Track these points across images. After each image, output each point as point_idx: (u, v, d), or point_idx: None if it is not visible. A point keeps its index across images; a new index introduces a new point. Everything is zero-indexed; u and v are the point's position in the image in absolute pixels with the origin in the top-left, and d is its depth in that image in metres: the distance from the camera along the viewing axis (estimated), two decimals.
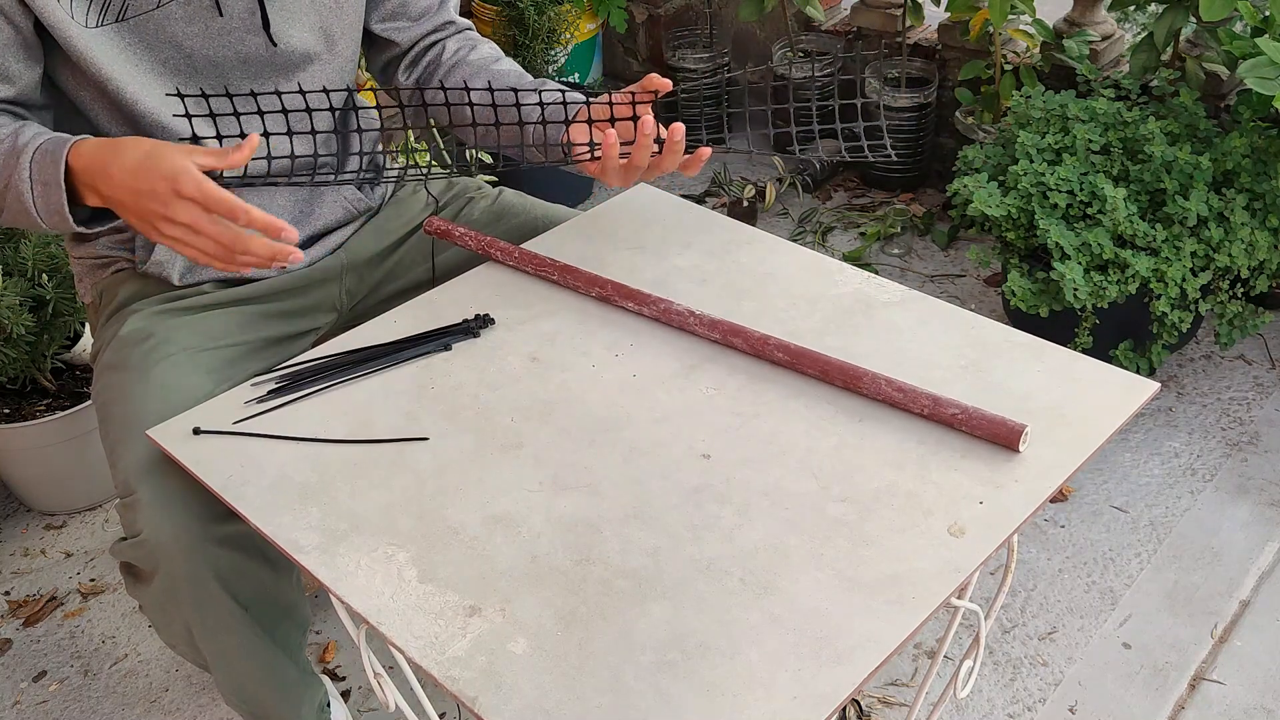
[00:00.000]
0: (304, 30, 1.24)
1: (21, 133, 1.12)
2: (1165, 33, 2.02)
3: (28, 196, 1.10)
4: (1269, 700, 1.55)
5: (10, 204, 1.13)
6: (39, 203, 1.10)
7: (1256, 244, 1.87)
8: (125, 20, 1.14)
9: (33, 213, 1.11)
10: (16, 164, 1.10)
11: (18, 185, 1.10)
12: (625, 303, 1.18)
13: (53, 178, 1.09)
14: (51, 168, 1.09)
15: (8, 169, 1.11)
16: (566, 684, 0.82)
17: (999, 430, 0.96)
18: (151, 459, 1.10)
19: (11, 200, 1.12)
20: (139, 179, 1.03)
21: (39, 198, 1.10)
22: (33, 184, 1.10)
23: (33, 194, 1.10)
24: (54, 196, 1.09)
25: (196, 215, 1.03)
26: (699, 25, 3.07)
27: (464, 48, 1.39)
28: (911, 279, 2.46)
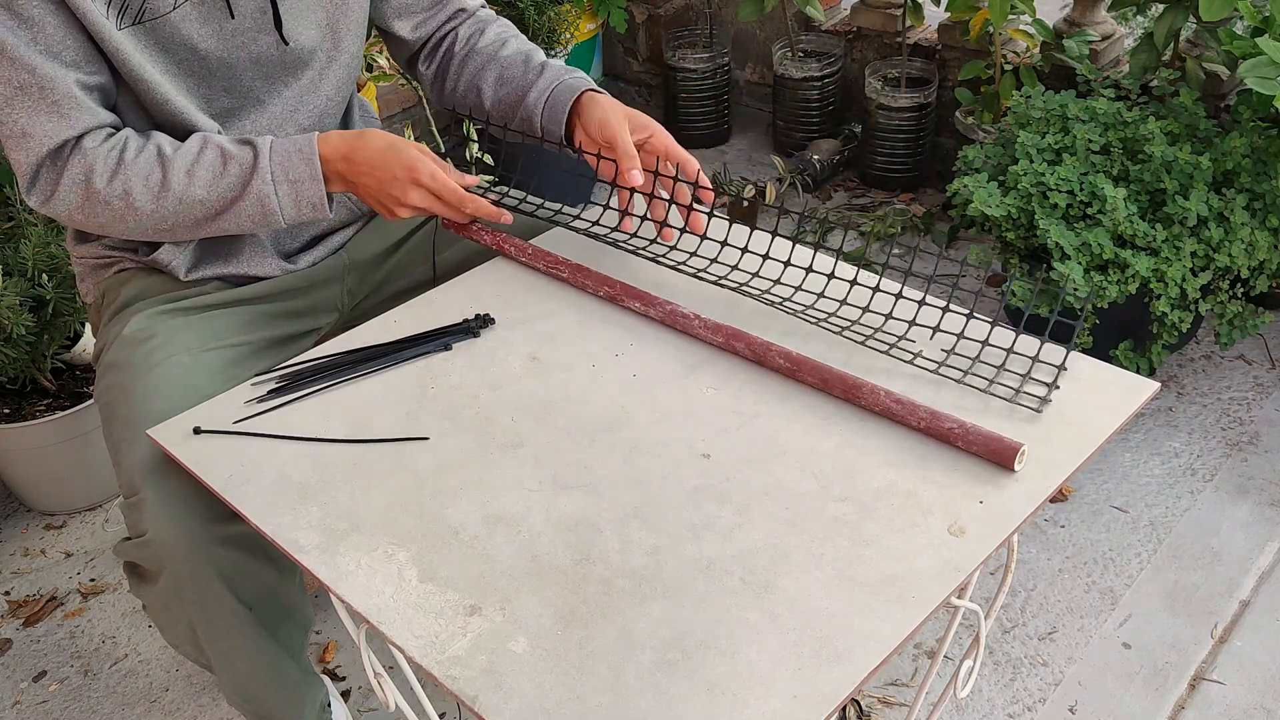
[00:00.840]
0: (312, 28, 1.25)
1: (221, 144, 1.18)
2: (1165, 33, 2.02)
3: (273, 199, 1.18)
4: (1269, 700, 1.55)
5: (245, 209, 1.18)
6: (284, 201, 1.18)
7: (1256, 244, 1.87)
8: (142, 23, 1.14)
9: (277, 213, 1.19)
10: (255, 171, 1.17)
11: (260, 189, 1.17)
12: (632, 303, 1.19)
13: (308, 174, 1.18)
14: (304, 165, 1.18)
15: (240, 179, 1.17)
16: (566, 683, 0.82)
17: (995, 448, 0.96)
18: (156, 459, 1.11)
19: (248, 205, 1.18)
20: (381, 167, 1.18)
21: (285, 196, 1.18)
22: (276, 185, 1.18)
23: (278, 196, 1.18)
24: (310, 192, 1.19)
25: (429, 200, 1.20)
26: (699, 25, 3.07)
27: (474, 34, 1.40)
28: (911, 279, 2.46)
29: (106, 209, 1.17)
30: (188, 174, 1.16)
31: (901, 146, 2.72)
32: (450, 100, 1.43)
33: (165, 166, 1.16)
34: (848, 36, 2.86)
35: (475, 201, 1.21)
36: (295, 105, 1.27)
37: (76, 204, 1.16)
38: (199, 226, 1.20)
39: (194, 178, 1.16)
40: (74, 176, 1.15)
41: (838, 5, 2.98)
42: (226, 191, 1.17)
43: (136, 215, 1.17)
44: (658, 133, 1.27)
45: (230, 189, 1.17)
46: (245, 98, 1.24)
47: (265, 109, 1.26)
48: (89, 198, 1.16)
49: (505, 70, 1.37)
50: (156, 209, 1.17)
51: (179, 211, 1.18)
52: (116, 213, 1.17)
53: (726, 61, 3.00)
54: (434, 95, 1.44)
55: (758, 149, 3.04)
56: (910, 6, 2.55)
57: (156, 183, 1.16)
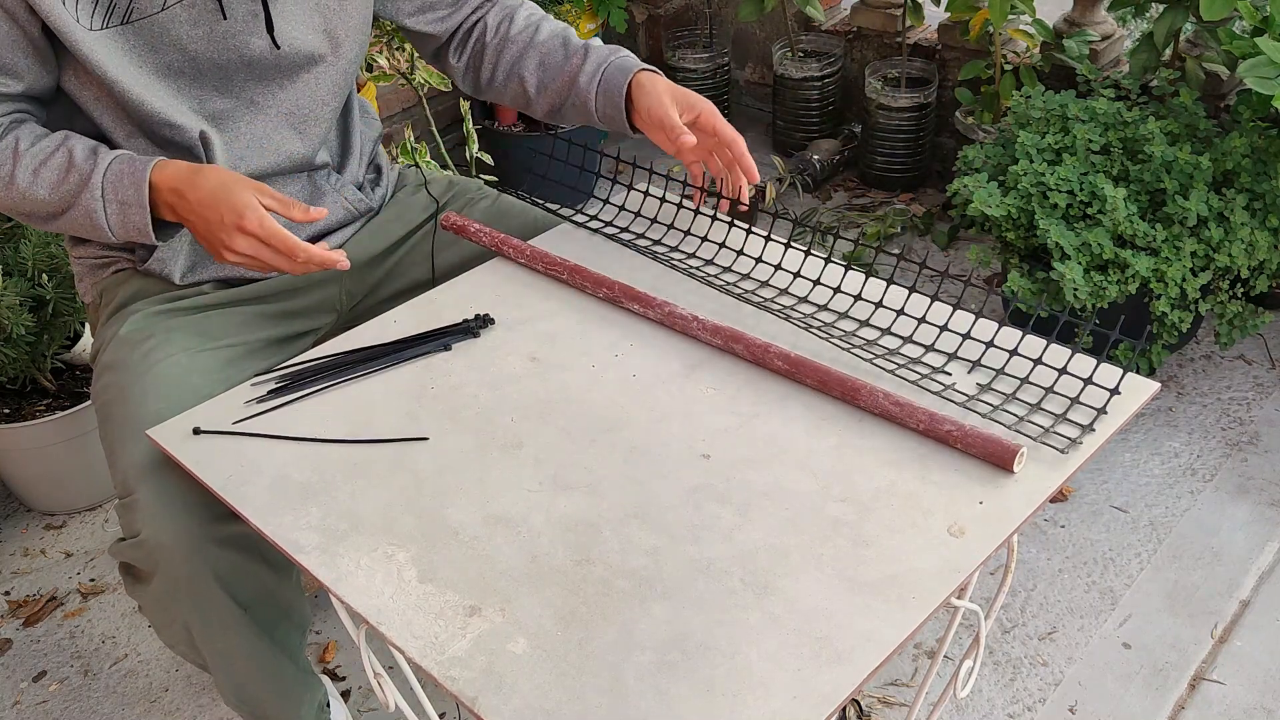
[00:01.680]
0: (308, 31, 1.24)
1: (74, 149, 1.16)
2: (1165, 33, 2.02)
3: (100, 215, 1.15)
4: (1269, 700, 1.55)
5: (76, 218, 1.17)
6: (113, 219, 1.16)
7: (1256, 244, 1.87)
8: (130, 23, 1.14)
9: (105, 229, 1.17)
10: (86, 185, 1.15)
11: (88, 203, 1.15)
12: (630, 304, 1.18)
13: (135, 199, 1.14)
14: (133, 189, 1.14)
15: (73, 187, 1.15)
16: (566, 684, 0.82)
17: (994, 450, 0.96)
18: (151, 459, 1.10)
19: (78, 215, 1.16)
20: (209, 209, 1.12)
21: (113, 215, 1.16)
22: (106, 203, 1.15)
23: (106, 212, 1.15)
24: (136, 217, 1.15)
25: (257, 248, 1.12)
26: (699, 25, 3.07)
27: (503, 21, 1.39)
28: (911, 278, 2.46)
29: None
30: (33, 173, 1.16)
31: (901, 146, 2.72)
32: (489, 91, 1.42)
33: (15, 161, 1.15)
34: (848, 36, 2.86)
35: (308, 251, 1.12)
36: (291, 108, 1.27)
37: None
38: (46, 222, 1.20)
39: (38, 178, 1.16)
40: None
41: (838, 5, 2.98)
42: (64, 197, 1.16)
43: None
44: (705, 111, 1.28)
45: (65, 197, 1.16)
46: (238, 99, 1.24)
47: (260, 110, 1.25)
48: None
49: (546, 56, 1.36)
50: (4, 198, 1.17)
51: (23, 205, 1.17)
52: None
53: (726, 61, 3.00)
54: (468, 87, 1.43)
55: (758, 149, 3.04)
56: (910, 6, 2.55)
57: (5, 175, 1.16)
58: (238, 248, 1.12)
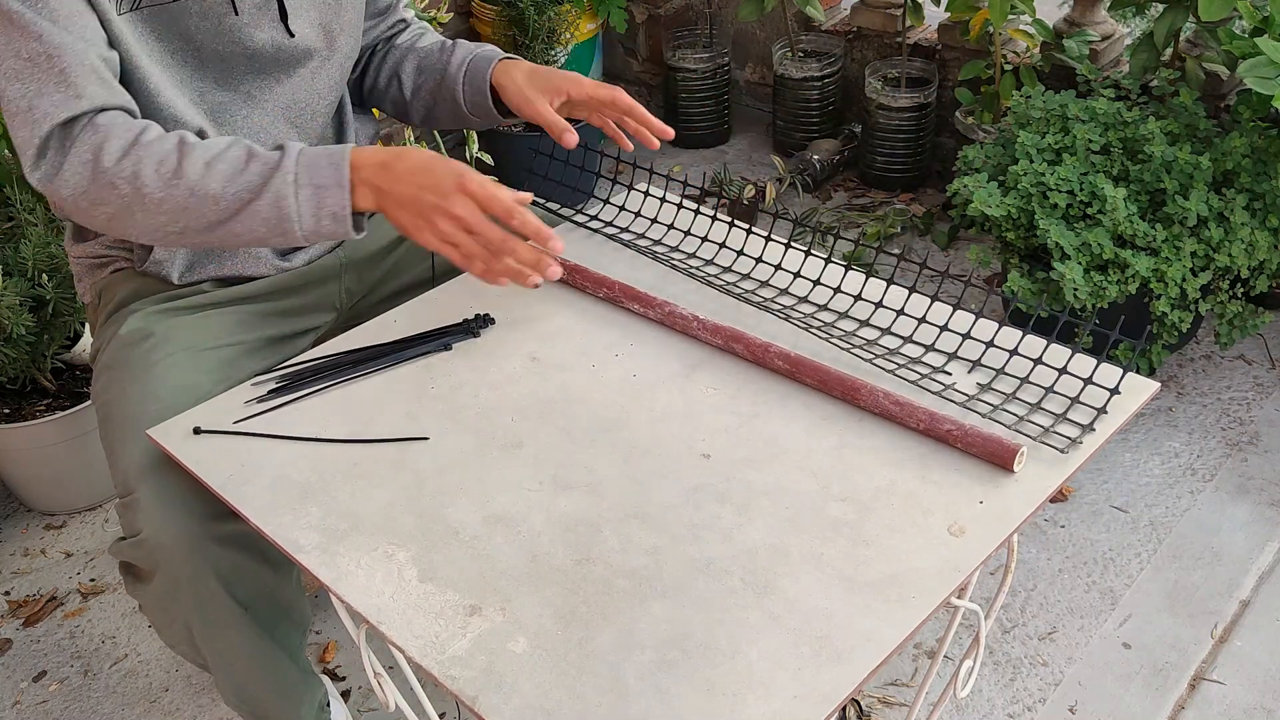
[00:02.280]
0: (306, 26, 1.25)
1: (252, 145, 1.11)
2: (1165, 33, 2.02)
3: (290, 202, 1.08)
4: (1269, 700, 1.55)
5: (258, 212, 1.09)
6: (304, 207, 1.09)
7: (1256, 244, 1.87)
8: (140, 9, 1.14)
9: (292, 220, 1.09)
10: (276, 170, 1.08)
11: (278, 189, 1.08)
12: (631, 304, 1.18)
13: (333, 180, 1.08)
14: (330, 170, 1.09)
15: (259, 178, 1.09)
16: (566, 683, 0.82)
17: (994, 449, 0.96)
18: (151, 458, 1.10)
19: (262, 208, 1.09)
20: (424, 174, 1.08)
21: (305, 202, 1.09)
22: (298, 187, 1.08)
23: (297, 200, 1.08)
24: (333, 199, 1.09)
25: (471, 211, 1.07)
26: (699, 25, 3.07)
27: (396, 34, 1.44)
28: (911, 279, 2.46)
29: (112, 193, 1.08)
30: (206, 165, 1.08)
31: (901, 146, 2.72)
32: (370, 97, 1.45)
33: (183, 154, 1.08)
34: (848, 36, 2.86)
35: (523, 214, 1.08)
36: (288, 102, 1.27)
37: (82, 186, 1.08)
38: (209, 230, 1.11)
39: (212, 170, 1.08)
40: (82, 154, 1.07)
41: (838, 5, 2.98)
42: (243, 190, 1.08)
43: (143, 204, 1.08)
44: (572, 89, 1.29)
45: (247, 187, 1.08)
46: (237, 92, 1.24)
47: (257, 104, 1.25)
48: (95, 178, 1.08)
49: (424, 59, 1.40)
50: (166, 198, 1.08)
51: (189, 205, 1.08)
52: (123, 199, 1.08)
53: (726, 61, 3.00)
54: (352, 95, 1.44)
55: (758, 149, 3.04)
56: (910, 6, 2.55)
57: (170, 169, 1.07)
58: (454, 209, 1.06)
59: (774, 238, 1.29)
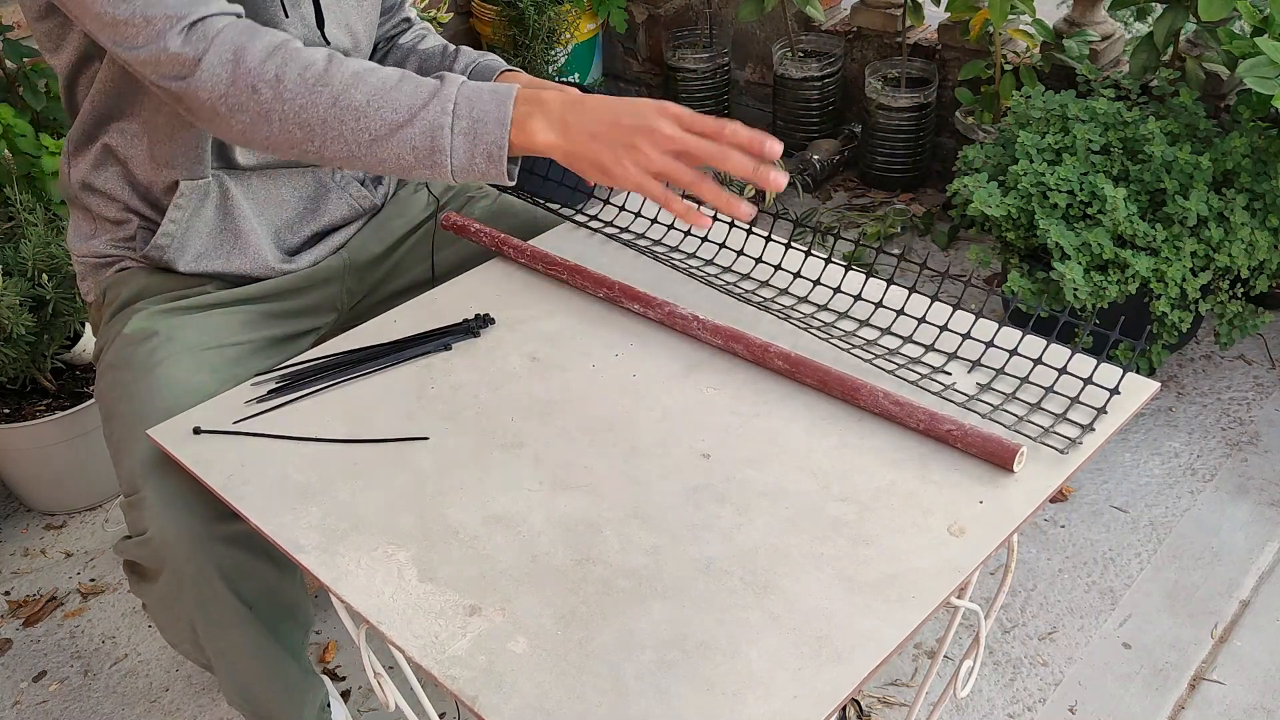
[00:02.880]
0: (337, 29, 1.25)
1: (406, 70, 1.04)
2: (1165, 33, 2.02)
3: (445, 134, 1.01)
4: (1269, 700, 1.55)
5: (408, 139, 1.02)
6: (458, 141, 1.01)
7: (1256, 244, 1.87)
8: None
9: (444, 153, 1.02)
10: (438, 95, 1.01)
11: (434, 118, 1.01)
12: (631, 304, 1.19)
13: (495, 115, 1.01)
14: (494, 104, 1.01)
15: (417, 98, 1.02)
16: (566, 683, 0.82)
17: (994, 449, 0.96)
18: (156, 458, 1.10)
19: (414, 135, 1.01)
20: (619, 105, 1.01)
21: (461, 135, 1.01)
22: (456, 118, 1.01)
23: (453, 132, 1.01)
24: (493, 134, 1.01)
25: (679, 133, 0.99)
26: (699, 25, 3.07)
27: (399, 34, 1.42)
28: (911, 279, 2.46)
29: (253, 98, 1.02)
30: (355, 75, 1.02)
31: (901, 146, 2.72)
32: None
33: (331, 62, 1.02)
34: (848, 36, 2.86)
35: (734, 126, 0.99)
36: None
37: (221, 89, 1.02)
38: (353, 153, 1.03)
39: (361, 82, 1.01)
40: (222, 53, 1.02)
41: (838, 5, 2.98)
42: (393, 111, 1.01)
43: (283, 111, 1.01)
44: None
45: (399, 107, 1.01)
46: None
47: None
48: (235, 80, 1.01)
49: (425, 61, 1.38)
50: (307, 104, 1.01)
51: (329, 118, 1.01)
52: (262, 104, 1.02)
53: (726, 61, 3.00)
54: None
55: None
56: (910, 6, 2.55)
57: (315, 75, 1.01)
58: (663, 129, 0.98)
59: (774, 238, 1.29)
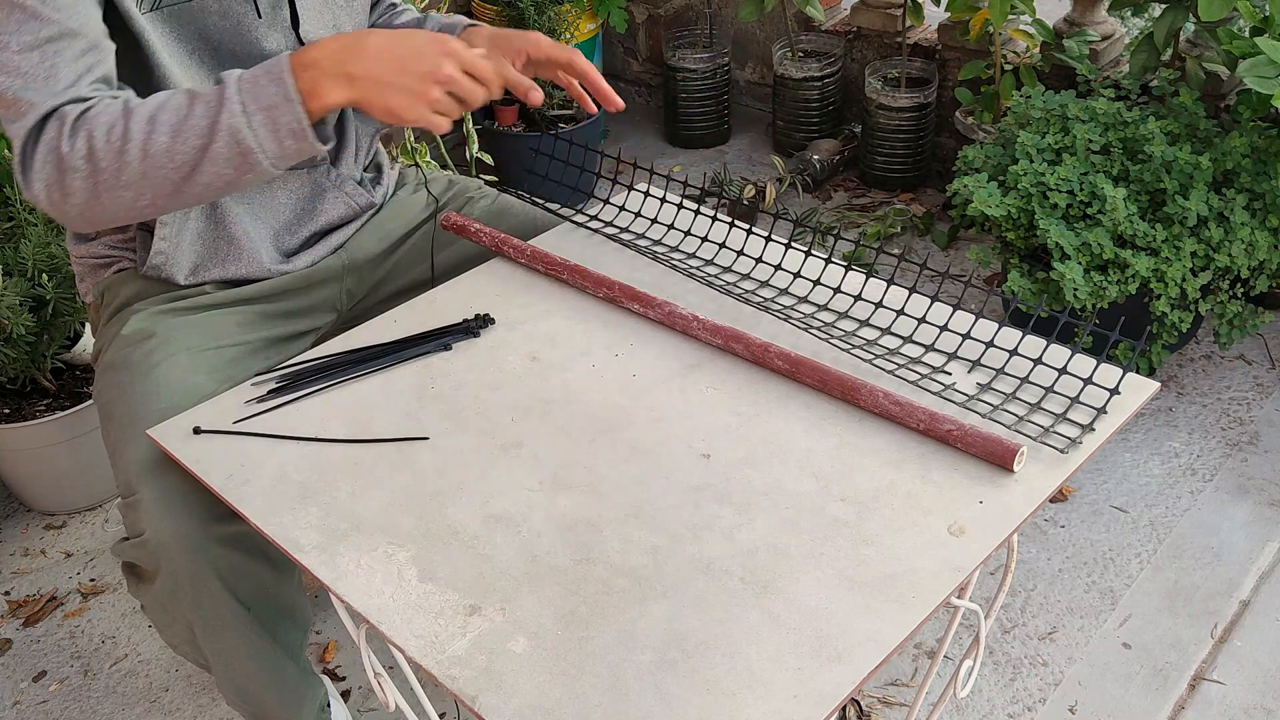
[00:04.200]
0: (321, 29, 1.25)
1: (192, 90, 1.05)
2: (1165, 33, 2.02)
3: (246, 133, 1.02)
4: (1269, 700, 1.55)
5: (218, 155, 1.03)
6: (261, 133, 1.03)
7: (1256, 244, 1.87)
8: (161, 8, 1.13)
9: (254, 150, 1.03)
10: (223, 106, 1.02)
11: (230, 125, 1.02)
12: (631, 304, 1.19)
13: (279, 95, 1.02)
14: (273, 86, 1.02)
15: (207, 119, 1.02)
16: (566, 683, 0.82)
17: (994, 449, 0.96)
18: (154, 458, 1.10)
19: (220, 149, 1.02)
20: (401, 46, 1.04)
21: (261, 127, 1.02)
22: (249, 115, 1.02)
23: (251, 128, 1.02)
24: (286, 115, 1.02)
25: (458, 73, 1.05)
26: (699, 25, 3.07)
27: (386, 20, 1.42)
28: (911, 279, 2.46)
29: (75, 179, 1.03)
30: (150, 121, 1.02)
31: (901, 146, 2.72)
32: None
33: (127, 115, 1.02)
34: (848, 36, 2.86)
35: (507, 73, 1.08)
36: None
37: (53, 181, 1.03)
38: (177, 191, 1.04)
39: (157, 124, 1.02)
40: (46, 147, 1.03)
41: (838, 5, 2.98)
42: (195, 135, 1.02)
43: (104, 180, 1.03)
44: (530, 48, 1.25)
45: (199, 132, 1.02)
46: None
47: None
48: (59, 169, 1.03)
49: None
50: (121, 167, 1.02)
51: (146, 170, 1.02)
52: (85, 181, 1.03)
53: (726, 61, 3.00)
54: None
55: (758, 149, 3.04)
56: (910, 6, 2.55)
57: (119, 134, 1.02)
58: (446, 70, 1.03)
59: (774, 238, 1.29)
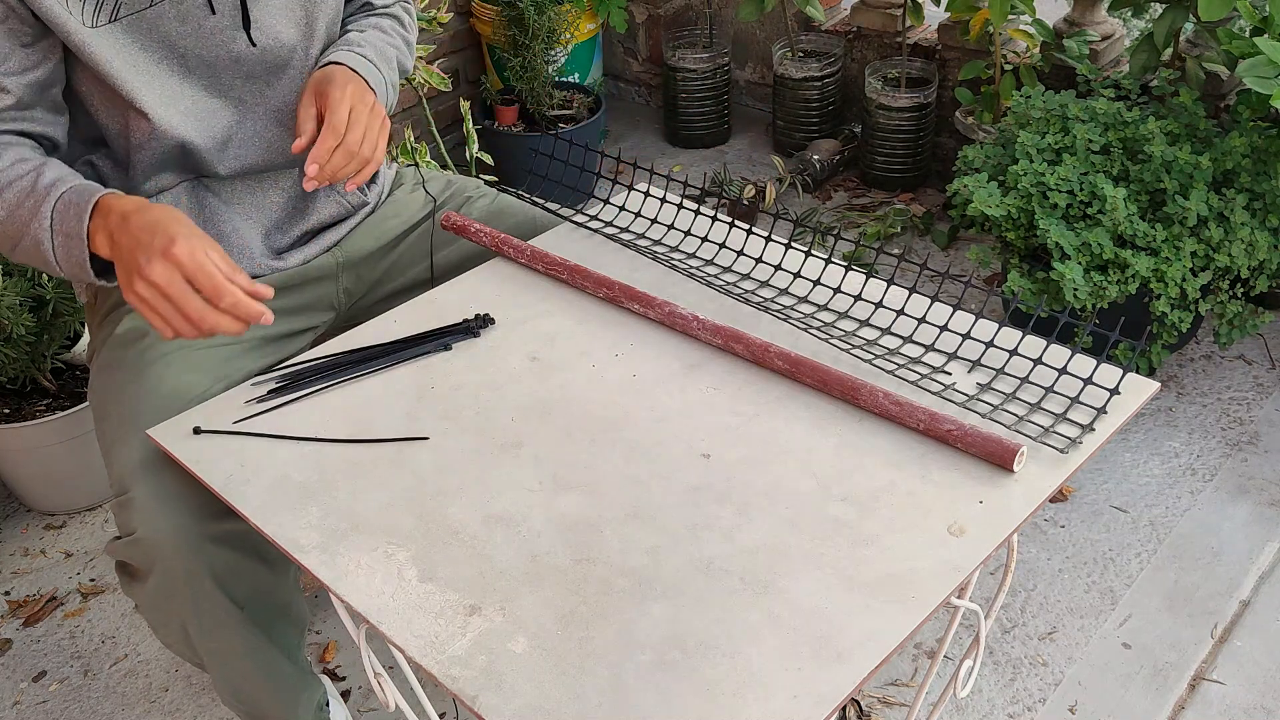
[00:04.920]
0: (290, 26, 1.24)
1: (42, 174, 1.10)
2: (1165, 33, 2.02)
3: (47, 245, 1.09)
4: (1269, 700, 1.55)
5: (27, 249, 1.11)
6: (59, 252, 1.09)
7: (1256, 244, 1.87)
8: (119, 20, 1.13)
9: (52, 262, 1.10)
10: (37, 212, 1.09)
11: (36, 234, 1.09)
12: (630, 304, 1.19)
13: (75, 230, 1.07)
14: (75, 220, 1.07)
15: (26, 214, 1.09)
16: (566, 683, 0.82)
17: (994, 449, 0.96)
18: (147, 458, 1.10)
19: (28, 246, 1.10)
20: (145, 230, 1.02)
21: (59, 248, 1.09)
22: (54, 234, 1.09)
23: (53, 244, 1.09)
24: (75, 249, 1.08)
25: (172, 278, 1.00)
26: (699, 25, 3.07)
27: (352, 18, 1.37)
28: (911, 279, 2.46)
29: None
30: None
31: (901, 146, 2.72)
32: None
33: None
34: (848, 36, 2.86)
35: (234, 296, 1.00)
36: (279, 104, 1.26)
37: None
38: (9, 252, 1.13)
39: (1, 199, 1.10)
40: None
41: (838, 5, 2.98)
42: (17, 223, 1.10)
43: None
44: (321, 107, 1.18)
45: (19, 222, 1.10)
46: (226, 97, 1.23)
47: (249, 109, 1.25)
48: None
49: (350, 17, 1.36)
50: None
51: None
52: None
53: (726, 61, 3.00)
54: None
55: (758, 149, 3.04)
56: (910, 6, 2.55)
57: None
58: (152, 274, 0.99)
59: (774, 238, 1.29)
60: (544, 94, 2.76)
